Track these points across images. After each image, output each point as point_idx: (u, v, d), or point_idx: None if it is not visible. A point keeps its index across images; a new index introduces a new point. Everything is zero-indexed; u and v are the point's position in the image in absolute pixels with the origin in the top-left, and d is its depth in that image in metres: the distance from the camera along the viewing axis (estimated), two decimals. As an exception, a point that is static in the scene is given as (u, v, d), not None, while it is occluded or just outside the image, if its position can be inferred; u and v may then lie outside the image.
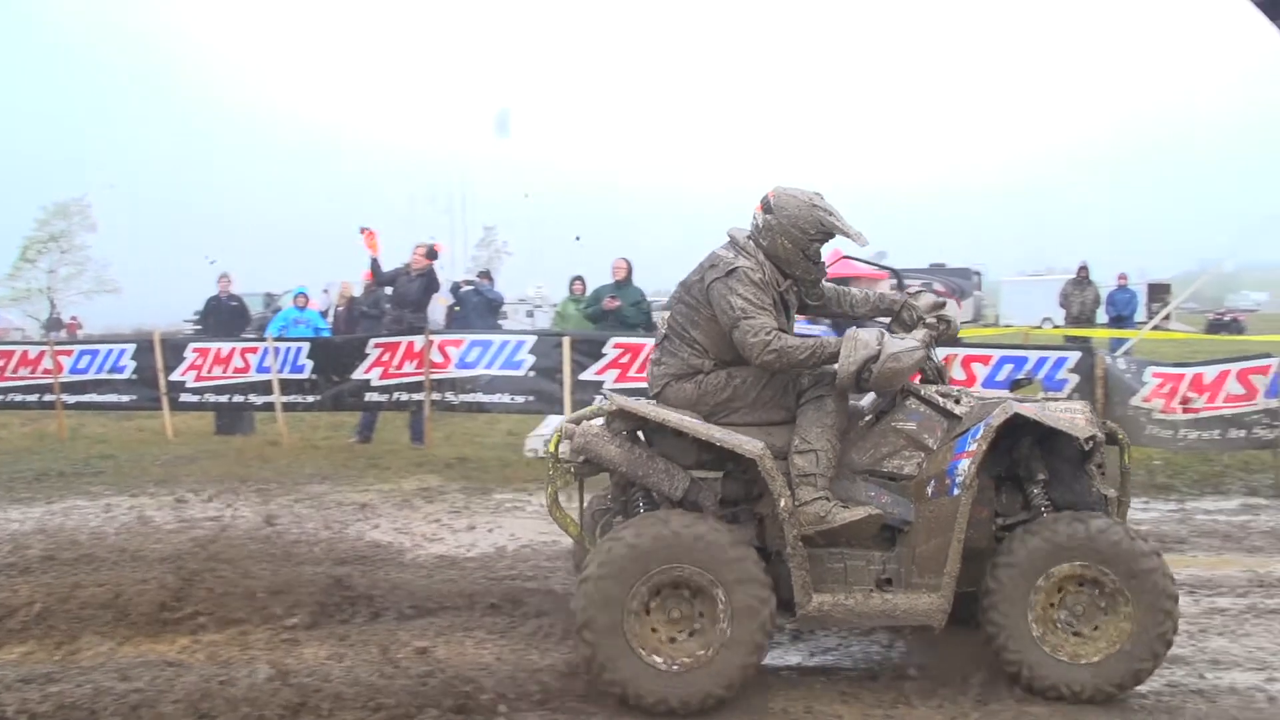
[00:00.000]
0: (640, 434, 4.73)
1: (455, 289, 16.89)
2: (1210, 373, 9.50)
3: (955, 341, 8.81)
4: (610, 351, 10.39)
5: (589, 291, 13.08)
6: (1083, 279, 18.67)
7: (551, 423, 10.97)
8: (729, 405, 4.59)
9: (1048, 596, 4.29)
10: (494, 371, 10.69)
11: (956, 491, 4.33)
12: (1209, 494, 9.06)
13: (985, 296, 44.51)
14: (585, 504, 4.95)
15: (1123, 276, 19.30)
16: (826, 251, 4.95)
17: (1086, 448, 4.50)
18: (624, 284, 12.61)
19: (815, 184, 4.65)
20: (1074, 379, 9.47)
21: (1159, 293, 36.70)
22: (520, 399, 10.74)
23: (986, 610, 4.32)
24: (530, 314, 34.11)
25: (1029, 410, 4.41)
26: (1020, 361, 9.63)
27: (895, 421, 4.65)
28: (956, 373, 9.63)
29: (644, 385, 4.98)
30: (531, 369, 10.63)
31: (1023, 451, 4.59)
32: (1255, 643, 5.22)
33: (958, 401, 4.70)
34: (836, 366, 4.39)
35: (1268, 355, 9.56)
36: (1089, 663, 4.28)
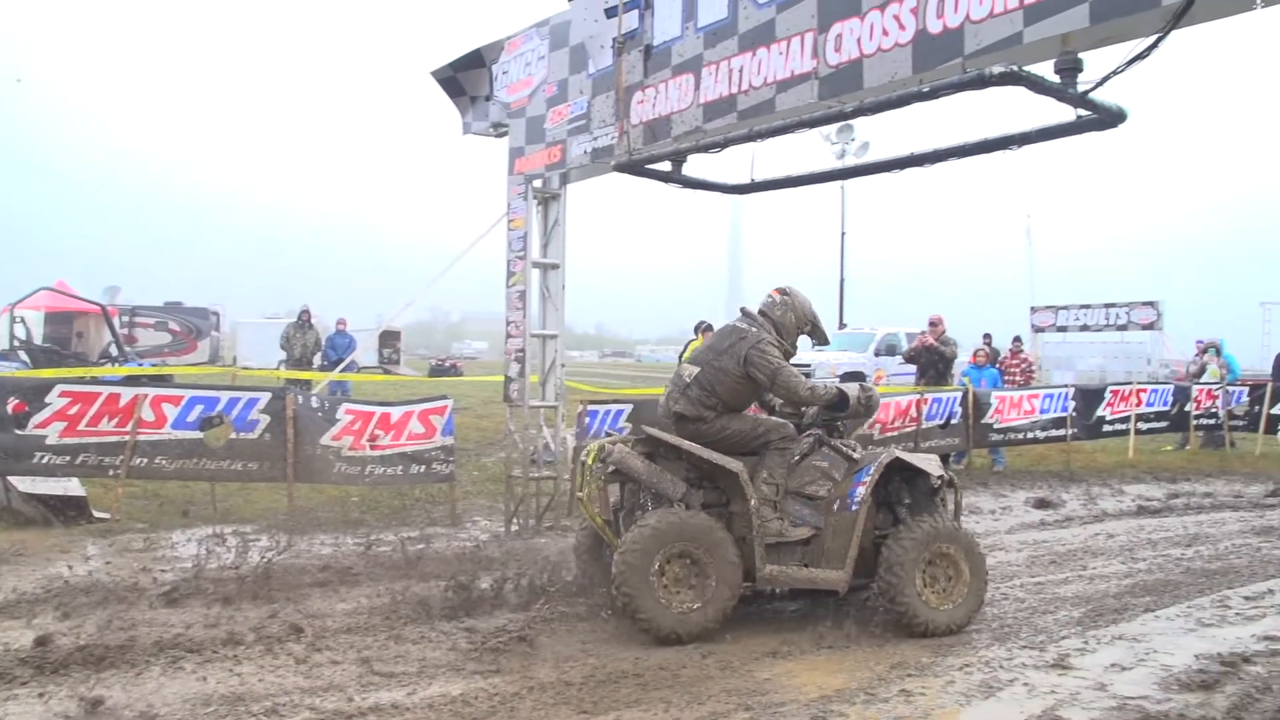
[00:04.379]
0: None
1: None
2: (396, 413, 10.20)
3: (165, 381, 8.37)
4: None
5: None
6: (305, 322, 19.15)
7: None
8: (718, 444, 6.51)
9: (925, 567, 6.36)
10: None
11: (855, 508, 6.43)
12: (396, 526, 9.57)
13: (223, 337, 43.54)
14: (597, 503, 6.59)
15: (341, 321, 20.09)
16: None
17: (936, 485, 6.71)
18: None
19: None
20: (265, 419, 9.51)
21: (390, 339, 39.18)
22: None
23: (889, 579, 6.28)
24: None
25: (906, 456, 6.68)
26: (211, 402, 9.43)
27: (814, 461, 6.78)
28: (146, 414, 9.16)
29: None
30: None
31: (894, 485, 6.73)
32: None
33: (854, 450, 6.85)
34: (850, 394, 6.73)
35: (444, 398, 10.54)
36: (948, 608, 6.39)
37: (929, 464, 6.78)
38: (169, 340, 38.38)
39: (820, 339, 7.24)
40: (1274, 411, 17.27)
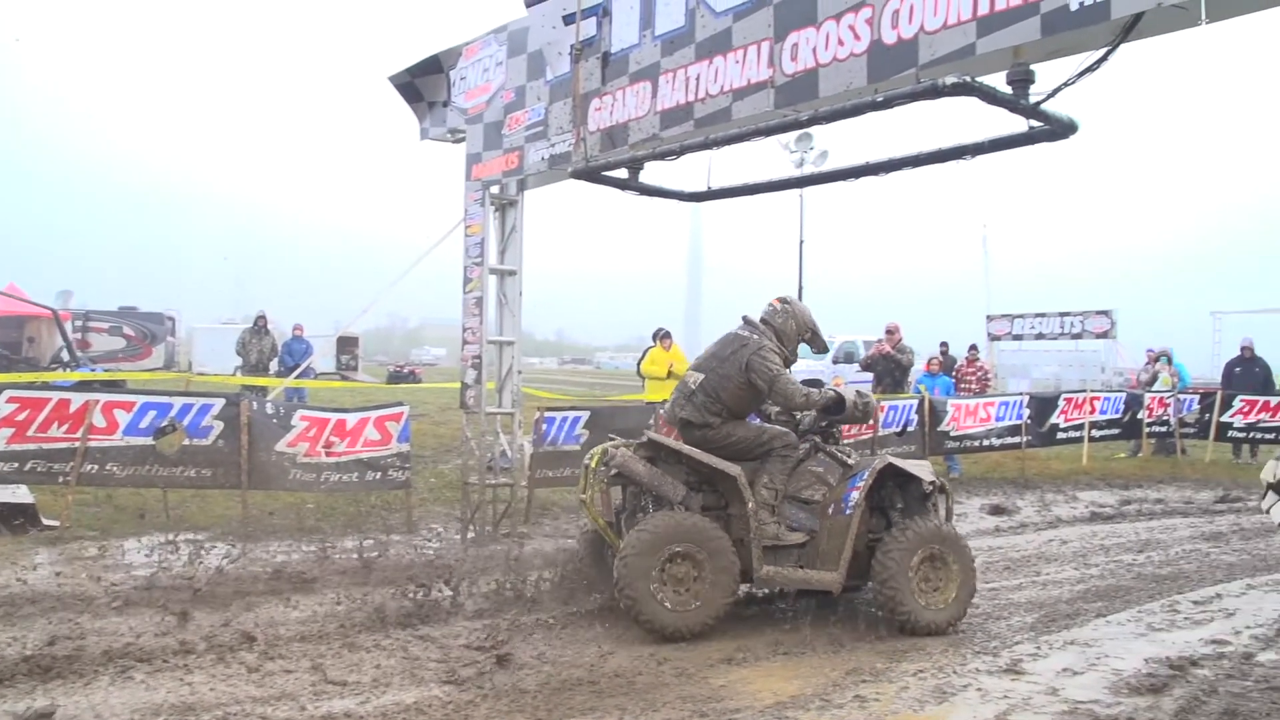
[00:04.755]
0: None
1: None
2: (352, 419, 10.12)
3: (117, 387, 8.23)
4: None
5: None
6: (261, 328, 18.96)
7: None
8: (723, 450, 6.73)
9: (918, 567, 6.52)
10: None
11: (849, 511, 6.61)
12: (352, 533, 9.36)
13: (179, 343, 43.00)
14: (600, 505, 6.92)
15: (298, 328, 19.90)
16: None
17: (928, 490, 6.87)
18: None
19: None
20: (219, 425, 9.40)
21: (347, 345, 38.86)
22: None
23: (884, 579, 6.47)
24: None
25: (898, 462, 6.90)
26: (164, 408, 9.30)
27: (810, 466, 6.97)
28: (97, 420, 9.02)
29: None
30: None
31: (887, 489, 6.92)
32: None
33: (849, 456, 7.07)
34: (847, 399, 6.90)
35: (400, 404, 10.47)
36: (940, 607, 6.54)
37: (921, 470, 6.98)
38: (123, 345, 37.77)
39: (819, 347, 7.43)
40: (1224, 419, 17.53)
